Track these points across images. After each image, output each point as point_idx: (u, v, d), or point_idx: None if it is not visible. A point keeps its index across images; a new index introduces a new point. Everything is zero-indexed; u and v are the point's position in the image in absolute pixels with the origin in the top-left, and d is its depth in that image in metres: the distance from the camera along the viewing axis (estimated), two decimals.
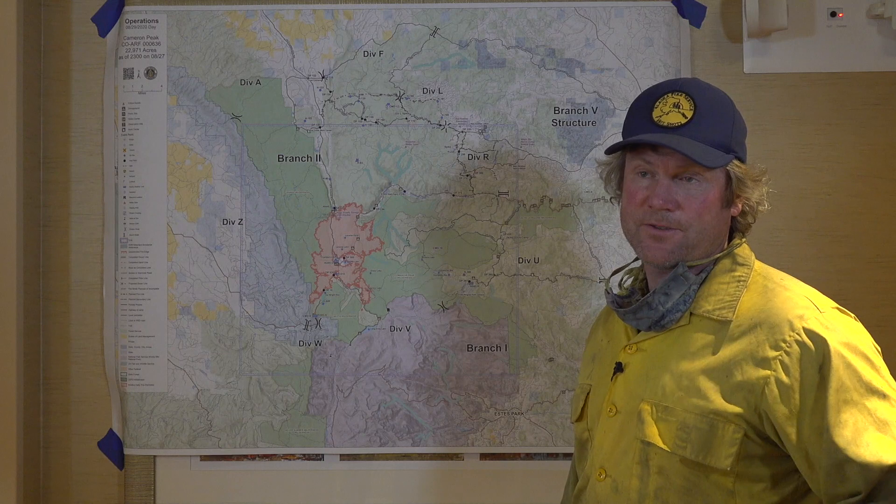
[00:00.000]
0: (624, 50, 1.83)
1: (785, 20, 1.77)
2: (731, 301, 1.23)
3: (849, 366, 1.14)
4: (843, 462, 1.11)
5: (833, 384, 1.13)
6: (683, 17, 1.85)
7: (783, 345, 1.16)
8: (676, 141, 1.22)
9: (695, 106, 1.24)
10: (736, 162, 1.25)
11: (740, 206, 1.28)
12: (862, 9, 1.86)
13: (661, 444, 1.21)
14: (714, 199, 1.24)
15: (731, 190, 1.25)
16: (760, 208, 1.29)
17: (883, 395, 1.13)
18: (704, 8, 1.87)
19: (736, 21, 1.87)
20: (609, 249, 1.81)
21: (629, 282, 1.39)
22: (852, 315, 1.23)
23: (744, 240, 1.30)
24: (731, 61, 1.87)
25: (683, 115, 1.24)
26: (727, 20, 1.87)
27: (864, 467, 1.10)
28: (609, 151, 1.31)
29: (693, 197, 1.23)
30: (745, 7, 1.79)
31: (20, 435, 1.80)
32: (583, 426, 1.38)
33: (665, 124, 1.25)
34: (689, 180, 1.23)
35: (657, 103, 1.27)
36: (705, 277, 1.26)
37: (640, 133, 1.26)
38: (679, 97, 1.25)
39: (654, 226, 1.25)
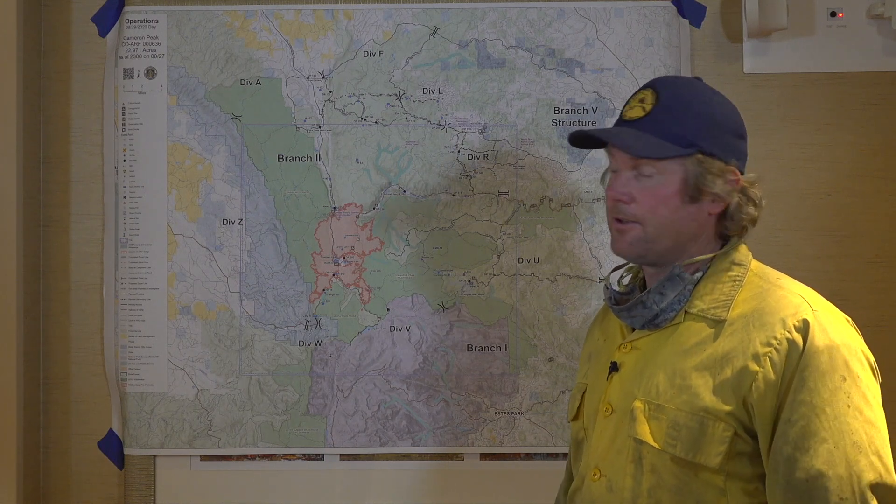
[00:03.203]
0: (624, 50, 1.83)
1: (785, 20, 1.77)
2: (725, 300, 1.23)
3: (827, 371, 1.13)
4: (786, 459, 1.12)
5: (809, 385, 1.13)
6: (683, 17, 1.85)
7: (774, 341, 1.16)
8: (618, 132, 1.25)
9: (657, 100, 1.24)
10: (699, 156, 1.22)
11: (720, 205, 1.24)
12: (862, 9, 1.86)
13: (651, 442, 1.21)
14: (670, 193, 1.23)
15: (694, 185, 1.23)
16: (746, 212, 1.25)
17: (850, 406, 1.12)
18: (704, 8, 1.87)
19: (736, 21, 1.87)
20: (609, 249, 1.79)
21: (627, 279, 1.39)
22: (847, 317, 1.22)
23: (742, 239, 1.29)
24: (731, 61, 1.87)
25: (643, 108, 1.25)
26: (727, 20, 1.87)
27: (809, 477, 1.10)
28: (571, 143, 1.34)
29: (646, 189, 1.23)
30: (745, 7, 1.79)
31: (20, 435, 1.80)
32: (579, 425, 1.38)
33: (626, 118, 1.27)
34: (646, 173, 1.24)
35: (630, 100, 1.29)
36: (701, 277, 1.26)
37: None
38: (647, 92, 1.27)
39: (619, 220, 1.27)
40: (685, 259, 1.26)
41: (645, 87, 1.29)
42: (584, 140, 1.33)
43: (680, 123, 1.23)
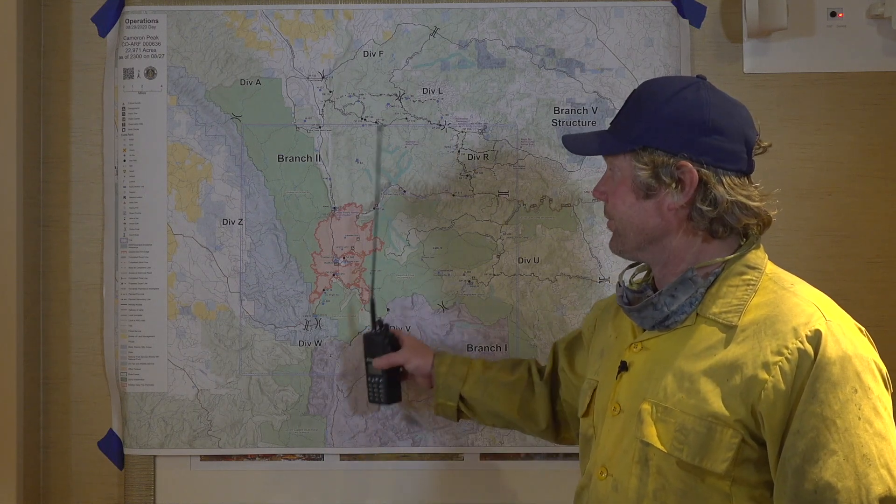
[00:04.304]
0: (624, 50, 1.83)
1: (785, 20, 1.77)
2: (738, 305, 1.22)
3: (838, 383, 1.12)
4: (795, 470, 1.12)
5: (820, 396, 1.12)
6: (683, 17, 1.85)
7: (785, 351, 1.15)
8: (575, 134, 1.36)
9: (628, 100, 1.31)
10: (642, 150, 1.25)
11: (681, 199, 1.24)
12: (862, 9, 1.86)
13: (658, 445, 1.20)
14: (625, 189, 1.28)
15: (643, 180, 1.25)
16: (721, 210, 1.23)
17: (860, 418, 1.12)
18: (704, 8, 1.87)
19: (736, 21, 1.87)
20: (609, 249, 1.81)
21: (640, 276, 1.40)
22: (860, 327, 1.21)
23: (758, 242, 1.28)
24: (731, 61, 1.87)
25: (619, 110, 1.33)
26: (727, 20, 1.87)
27: (817, 489, 1.10)
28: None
29: (612, 187, 1.31)
30: (745, 7, 1.79)
31: (20, 435, 1.80)
32: (588, 422, 1.38)
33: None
34: (612, 172, 1.31)
35: None
36: (713, 280, 1.26)
37: None
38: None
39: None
40: (665, 254, 1.29)
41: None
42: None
43: (631, 121, 1.28)
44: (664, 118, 1.25)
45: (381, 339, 1.71)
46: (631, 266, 1.41)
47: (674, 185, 1.24)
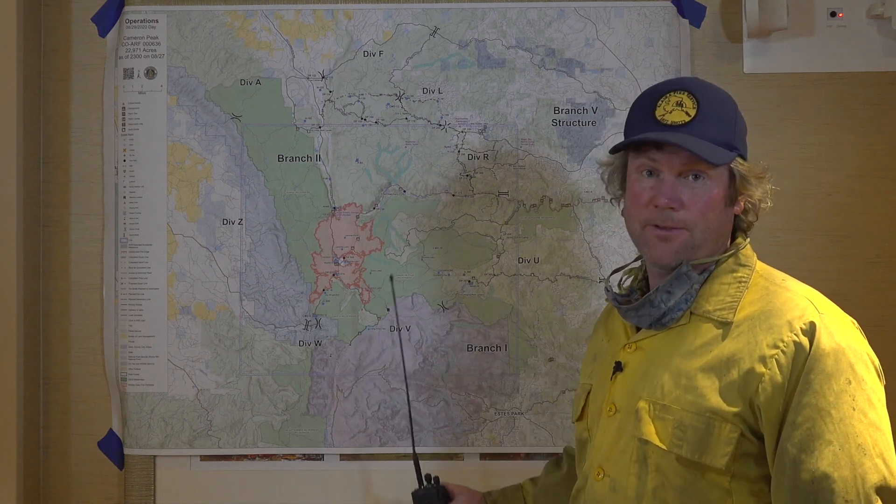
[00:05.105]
0: (624, 50, 1.83)
1: (785, 20, 1.77)
2: (731, 302, 1.23)
3: (833, 374, 1.14)
4: (792, 461, 1.13)
5: (814, 387, 1.14)
6: (683, 17, 1.85)
7: (781, 344, 1.16)
8: (682, 139, 1.21)
9: (697, 104, 1.23)
10: (739, 160, 1.25)
11: (743, 203, 1.27)
12: (862, 9, 1.86)
13: (657, 443, 1.21)
14: (718, 198, 1.23)
15: (735, 188, 1.25)
16: (763, 206, 1.28)
17: (854, 409, 1.13)
18: (704, 8, 1.87)
19: (736, 21, 1.87)
20: (609, 249, 1.82)
21: (628, 282, 1.39)
22: (852, 320, 1.23)
23: (747, 240, 1.29)
24: (731, 61, 1.87)
25: (687, 113, 1.24)
26: (727, 20, 1.87)
27: (814, 479, 1.11)
28: (614, 150, 1.30)
29: (697, 196, 1.23)
30: (745, 7, 1.79)
31: (20, 435, 1.80)
32: (583, 426, 1.38)
33: (669, 123, 1.24)
34: (695, 179, 1.23)
35: (660, 102, 1.26)
36: (707, 277, 1.26)
37: (644, 132, 1.25)
38: (681, 96, 1.25)
39: (658, 226, 1.24)
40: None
41: (676, 89, 1.26)
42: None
43: (723, 128, 1.24)
44: (737, 123, 1.27)
45: (434, 494, 1.59)
46: (616, 270, 1.41)
47: (748, 189, 1.26)
